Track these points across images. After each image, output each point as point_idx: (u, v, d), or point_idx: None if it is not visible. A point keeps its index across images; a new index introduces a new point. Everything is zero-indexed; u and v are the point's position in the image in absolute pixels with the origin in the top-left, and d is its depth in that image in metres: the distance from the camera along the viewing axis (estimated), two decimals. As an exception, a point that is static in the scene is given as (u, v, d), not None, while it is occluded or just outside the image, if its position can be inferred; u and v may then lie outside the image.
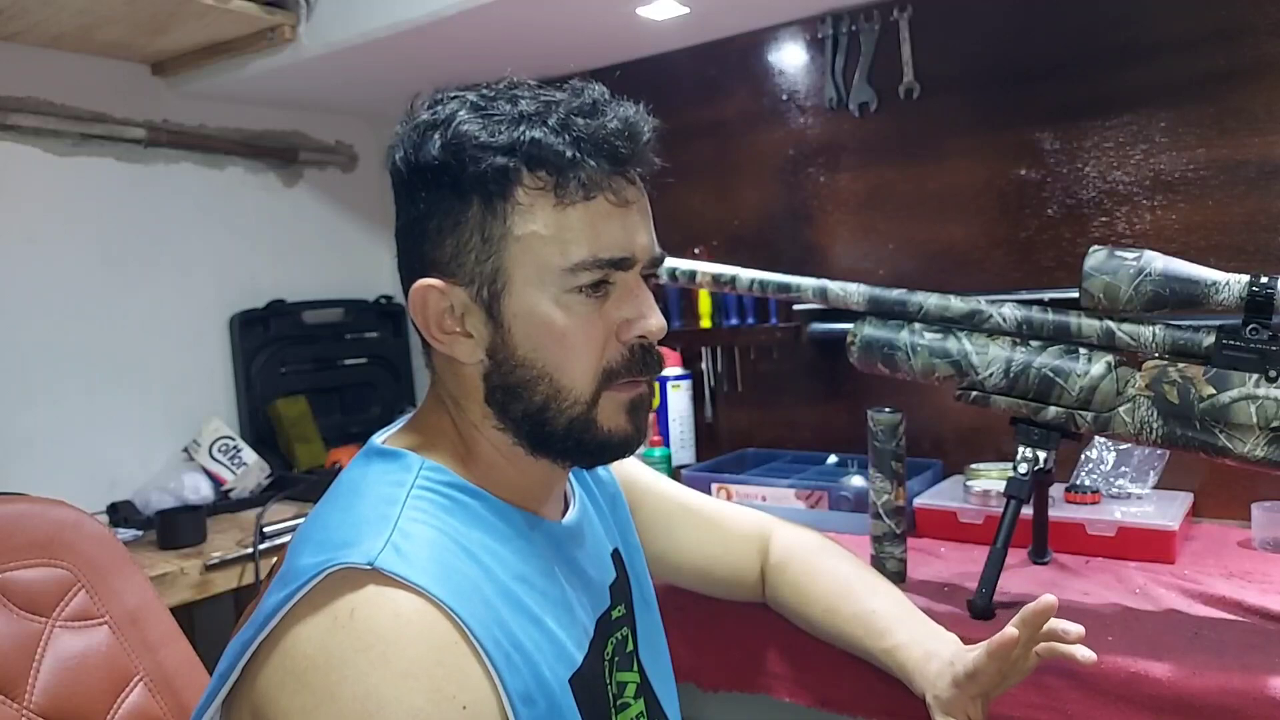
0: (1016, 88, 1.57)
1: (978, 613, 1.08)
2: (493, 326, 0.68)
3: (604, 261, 0.67)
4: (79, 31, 1.72)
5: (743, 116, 1.87)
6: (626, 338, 0.69)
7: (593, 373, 0.68)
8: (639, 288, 0.70)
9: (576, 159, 0.65)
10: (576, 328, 0.67)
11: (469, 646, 0.58)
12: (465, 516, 0.66)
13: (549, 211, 0.66)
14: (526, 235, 0.66)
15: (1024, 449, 1.10)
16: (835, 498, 1.50)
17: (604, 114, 0.67)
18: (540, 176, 0.66)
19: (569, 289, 0.67)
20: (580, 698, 0.65)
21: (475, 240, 0.67)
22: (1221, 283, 0.96)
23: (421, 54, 1.83)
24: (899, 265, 1.71)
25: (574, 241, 0.66)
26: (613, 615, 0.77)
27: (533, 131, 0.65)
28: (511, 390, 0.69)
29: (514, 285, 0.67)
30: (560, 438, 0.69)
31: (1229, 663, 0.92)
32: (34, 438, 1.78)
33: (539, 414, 0.69)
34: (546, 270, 0.66)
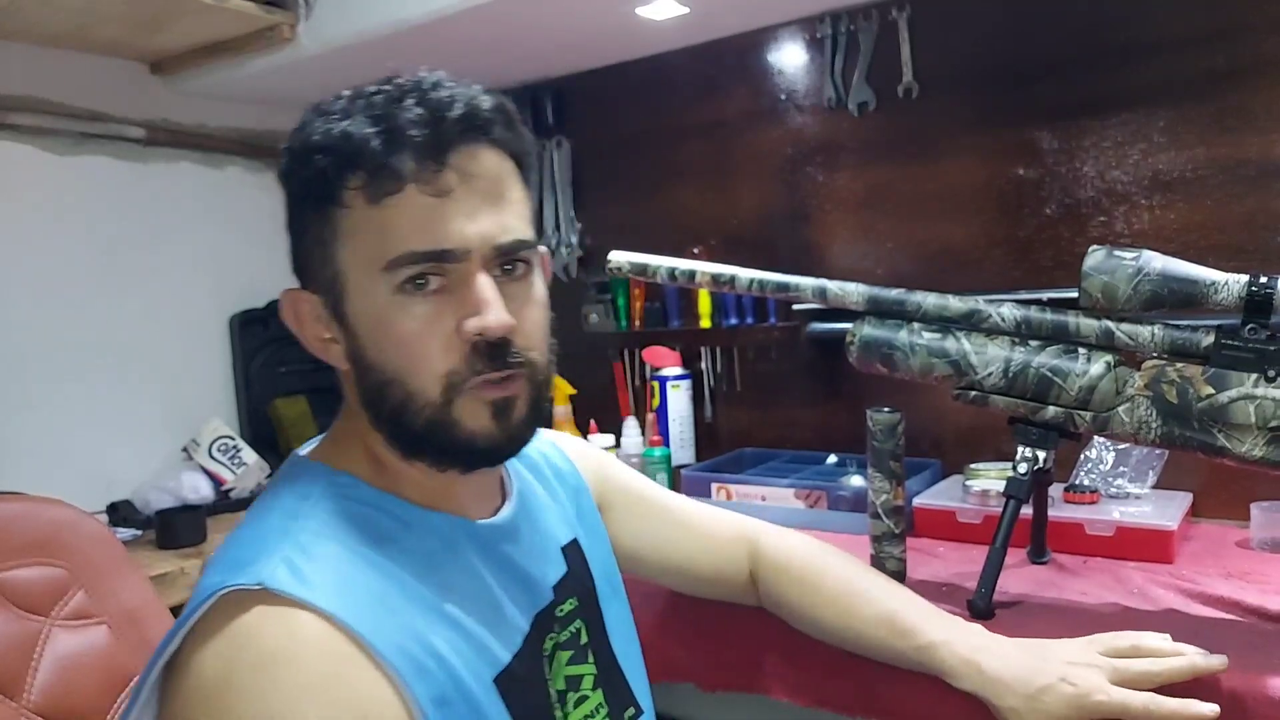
0: (1015, 87, 1.57)
1: (977, 612, 1.08)
2: (345, 332, 0.68)
3: (419, 255, 0.64)
4: (77, 30, 1.72)
5: (742, 116, 1.87)
6: (466, 336, 0.65)
7: (437, 373, 0.65)
8: (478, 282, 0.65)
9: (382, 151, 0.63)
10: (412, 327, 0.65)
11: (366, 658, 0.58)
12: (373, 524, 0.65)
13: (366, 209, 0.64)
14: (352, 235, 0.65)
15: (1023, 449, 1.10)
16: (834, 497, 1.50)
17: (408, 102, 0.65)
18: (359, 175, 0.64)
19: (396, 288, 0.65)
20: (509, 696, 0.65)
21: (315, 246, 0.67)
22: (1220, 282, 0.96)
23: (421, 54, 1.81)
24: (898, 265, 1.71)
25: (390, 238, 0.64)
26: (558, 611, 0.76)
27: (348, 127, 0.64)
28: (372, 394, 0.68)
29: (350, 288, 0.66)
30: (421, 440, 0.67)
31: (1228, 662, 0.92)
32: (33, 437, 1.78)
33: (397, 418, 0.67)
34: (372, 270, 0.65)
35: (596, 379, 2.06)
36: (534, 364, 0.69)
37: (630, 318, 2.02)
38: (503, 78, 2.10)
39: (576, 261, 2.12)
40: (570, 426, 1.98)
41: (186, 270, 2.03)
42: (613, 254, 1.23)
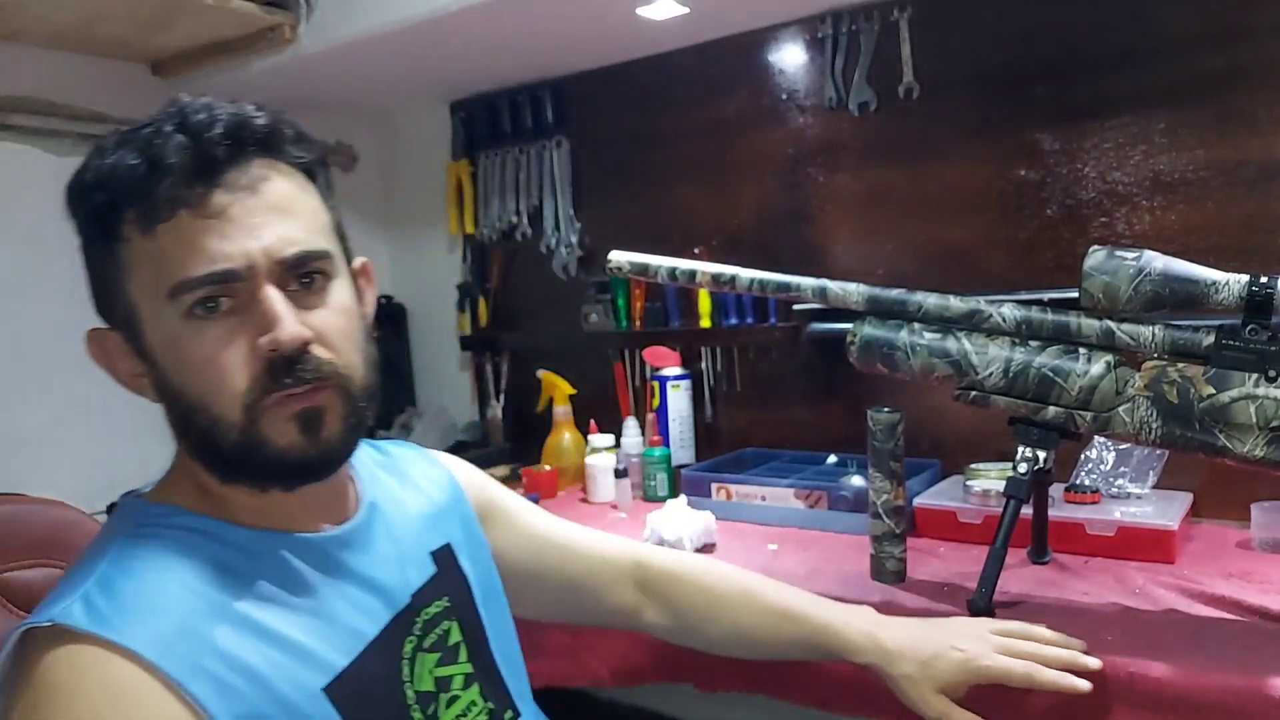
0: (1016, 88, 1.57)
1: (977, 612, 1.08)
2: (148, 365, 0.68)
3: (200, 279, 0.63)
4: (78, 31, 1.72)
5: (742, 116, 1.87)
6: (260, 353, 0.65)
7: (236, 395, 0.65)
8: (266, 297, 0.65)
9: (147, 181, 0.63)
10: (205, 352, 0.65)
11: (158, 683, 0.58)
12: (186, 548, 0.66)
13: (142, 240, 0.64)
14: (135, 268, 0.65)
15: (1023, 449, 1.10)
16: (835, 497, 1.50)
17: (167, 129, 0.65)
18: (131, 208, 0.64)
19: (185, 314, 0.64)
20: (343, 703, 0.65)
21: (106, 283, 0.67)
22: (1221, 283, 0.96)
23: (421, 53, 1.83)
24: (898, 265, 1.71)
25: (168, 266, 0.64)
26: (422, 614, 0.76)
27: (115, 162, 0.64)
28: (181, 423, 0.68)
29: (144, 321, 0.66)
30: (232, 464, 0.67)
31: (1228, 663, 0.92)
32: (32, 437, 1.78)
33: (207, 444, 0.67)
34: (158, 300, 0.65)
35: (596, 379, 2.06)
36: (342, 373, 0.68)
37: (630, 318, 2.02)
38: (503, 78, 2.10)
39: (576, 261, 2.12)
40: (570, 426, 1.98)
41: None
42: (613, 254, 1.23)
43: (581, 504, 1.80)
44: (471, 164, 2.26)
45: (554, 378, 2.02)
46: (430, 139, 2.32)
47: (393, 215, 2.48)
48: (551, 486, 1.87)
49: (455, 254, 2.35)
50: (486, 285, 2.29)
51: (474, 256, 2.31)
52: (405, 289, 2.46)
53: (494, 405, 2.27)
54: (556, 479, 1.88)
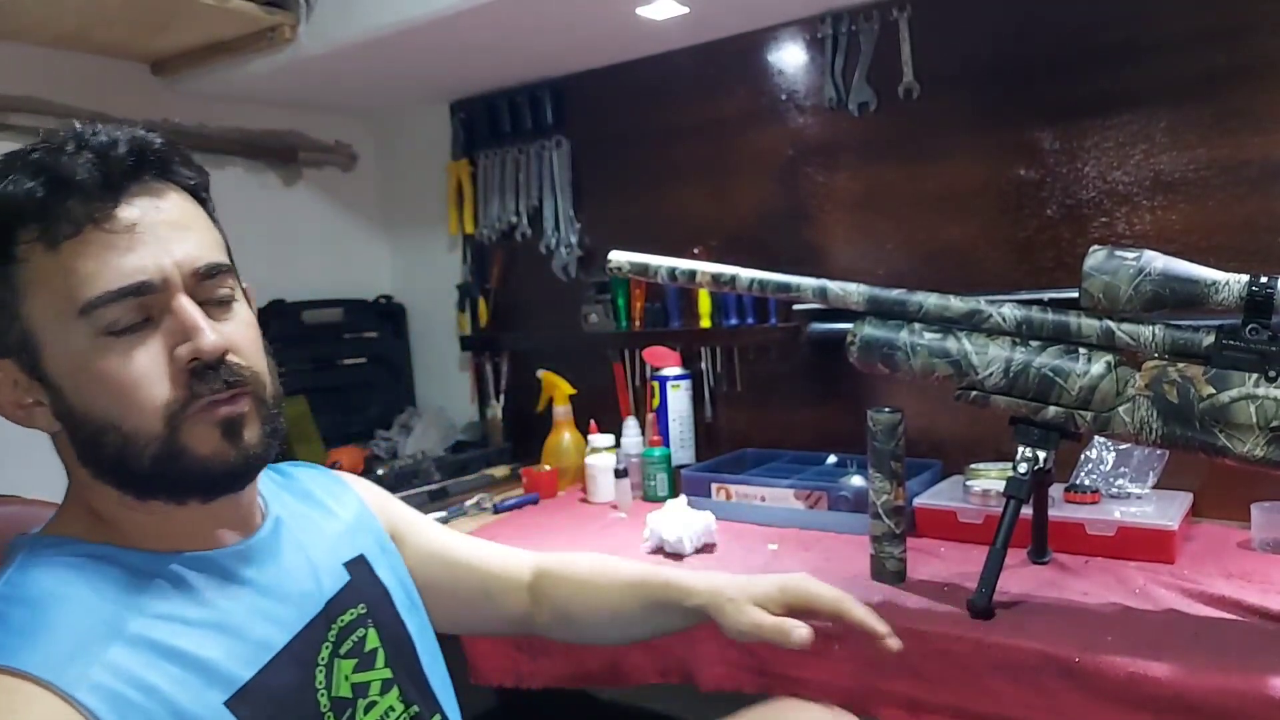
0: (1016, 87, 1.57)
1: (977, 612, 1.08)
2: (49, 391, 0.66)
3: (116, 293, 0.63)
4: (78, 31, 1.72)
5: (742, 116, 1.87)
6: (180, 364, 0.65)
7: (157, 410, 0.65)
8: (182, 309, 0.66)
9: (49, 199, 0.63)
10: (122, 369, 0.64)
11: (59, 700, 0.58)
12: (79, 575, 0.65)
13: (44, 260, 0.63)
14: (35, 288, 0.64)
15: (1023, 449, 1.10)
16: (835, 498, 1.50)
17: (69, 148, 0.64)
18: (30, 229, 0.63)
19: (97, 333, 0.64)
20: (246, 713, 0.65)
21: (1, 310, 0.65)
22: (1221, 283, 0.97)
23: (421, 54, 1.83)
24: (898, 265, 1.71)
25: (79, 281, 0.63)
26: (337, 622, 0.76)
27: (7, 187, 0.63)
28: (88, 447, 0.67)
29: (45, 346, 0.65)
30: (151, 480, 0.67)
31: (1228, 663, 0.92)
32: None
33: (120, 463, 0.66)
34: (66, 319, 0.64)
35: (596, 379, 2.06)
36: (257, 379, 0.70)
37: (630, 318, 2.02)
38: (503, 78, 2.10)
39: (576, 261, 2.12)
40: (570, 427, 1.98)
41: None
42: (613, 254, 1.23)
43: (581, 504, 1.80)
44: (471, 164, 2.26)
45: (554, 378, 2.02)
46: (430, 139, 2.32)
47: (393, 215, 2.48)
48: (551, 486, 1.87)
49: (455, 254, 2.35)
50: (486, 285, 2.29)
51: (474, 256, 2.31)
52: (405, 289, 2.46)
53: (494, 405, 2.27)
54: (556, 479, 1.88)
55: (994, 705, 1.02)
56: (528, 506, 1.79)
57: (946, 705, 1.05)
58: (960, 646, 1.05)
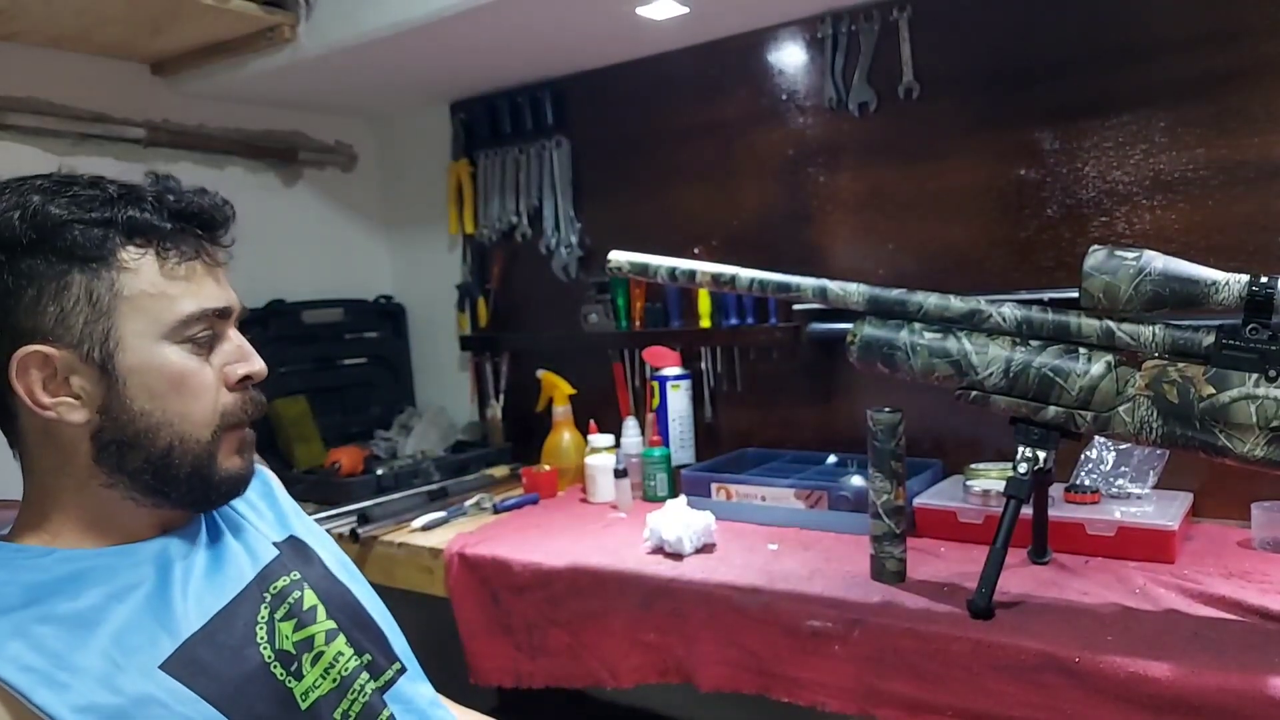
0: (1016, 88, 1.57)
1: (977, 612, 1.08)
2: (106, 384, 0.75)
3: (209, 312, 0.78)
4: (78, 31, 1.72)
5: (742, 116, 1.87)
6: (233, 381, 0.80)
7: (210, 416, 0.78)
8: (238, 336, 0.82)
9: (177, 227, 0.77)
10: (193, 374, 0.77)
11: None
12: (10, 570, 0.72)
13: (155, 273, 0.76)
14: (135, 295, 0.75)
15: (1024, 449, 1.10)
16: (835, 497, 1.50)
17: (191, 192, 0.79)
18: (140, 243, 0.75)
19: (180, 340, 0.77)
20: (184, 673, 0.72)
21: (82, 304, 0.74)
22: (1221, 282, 0.97)
23: (421, 54, 1.83)
24: (898, 265, 1.71)
25: (181, 297, 0.76)
26: (271, 589, 0.83)
27: (129, 209, 0.75)
28: (130, 443, 0.76)
29: (127, 341, 0.75)
30: (184, 480, 0.78)
31: (1228, 662, 0.93)
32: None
33: (163, 459, 0.77)
34: (159, 324, 0.76)
35: (596, 379, 2.06)
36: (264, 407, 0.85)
37: (630, 318, 2.02)
38: (503, 78, 2.10)
39: (576, 261, 2.12)
40: (570, 426, 1.98)
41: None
42: (613, 254, 1.23)
43: (581, 504, 1.80)
44: (471, 164, 2.26)
45: (554, 378, 2.02)
46: (430, 139, 2.32)
47: (393, 215, 2.48)
48: (551, 486, 1.87)
49: (455, 254, 2.35)
50: (486, 285, 2.29)
51: (474, 256, 2.31)
52: (405, 289, 2.46)
53: (494, 405, 2.27)
54: (556, 479, 1.88)
55: (994, 705, 1.02)
56: (528, 506, 1.79)
57: (947, 705, 1.05)
58: (960, 646, 1.05)
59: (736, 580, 1.26)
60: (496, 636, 1.44)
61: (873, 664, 1.10)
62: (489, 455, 2.11)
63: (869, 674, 1.11)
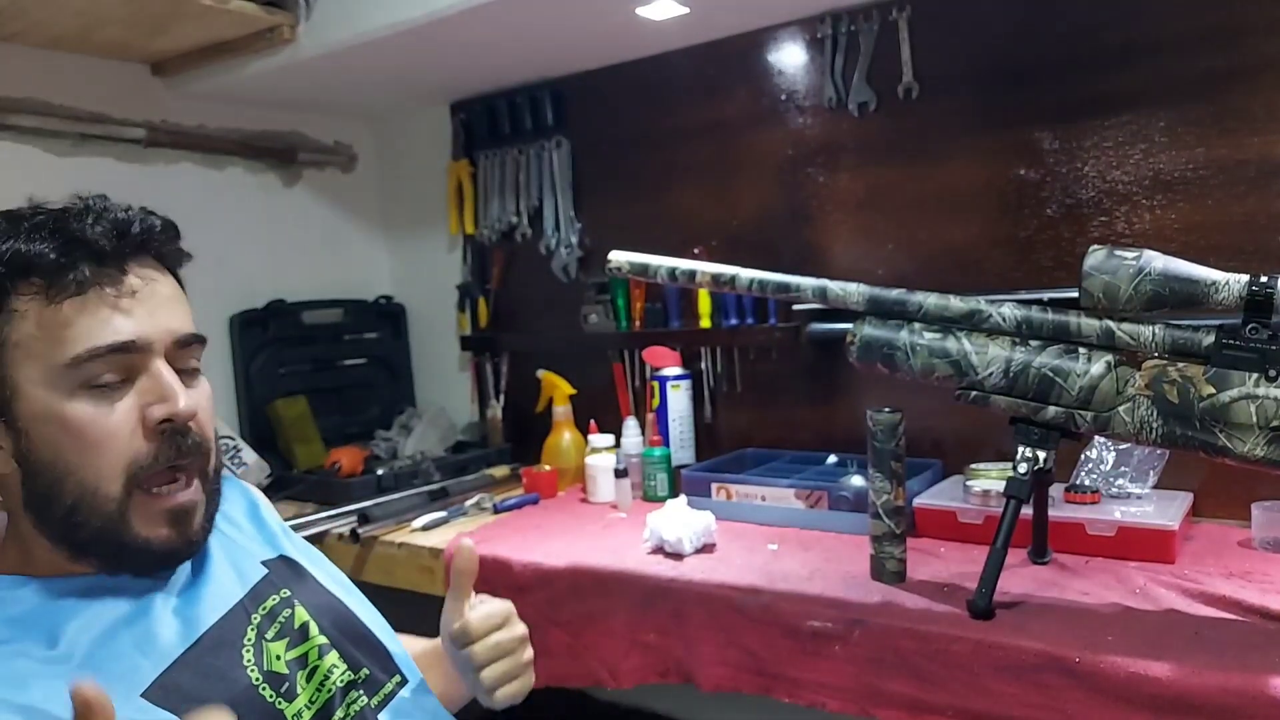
0: (1016, 87, 1.57)
1: (978, 613, 1.08)
2: (14, 435, 0.70)
3: (104, 349, 0.69)
4: (78, 32, 1.72)
5: (742, 116, 1.87)
6: (152, 424, 0.71)
7: (119, 469, 0.70)
8: (160, 372, 0.72)
9: (63, 260, 0.69)
10: (93, 423, 0.69)
11: None
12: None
13: (42, 312, 0.69)
14: (23, 339, 0.69)
15: (1023, 449, 1.10)
16: (835, 498, 1.50)
17: (87, 218, 0.71)
18: (32, 282, 0.69)
19: (79, 385, 0.69)
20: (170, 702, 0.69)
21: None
22: (1221, 282, 0.97)
23: (421, 54, 1.83)
24: (898, 265, 1.71)
25: (72, 337, 0.69)
26: (260, 609, 0.80)
27: (16, 243, 0.69)
28: (44, 495, 0.71)
29: (22, 390, 0.69)
30: (94, 543, 0.72)
31: (1229, 662, 0.92)
32: None
33: (70, 516, 0.71)
34: (50, 370, 0.69)
35: (596, 379, 2.06)
36: (207, 451, 0.76)
37: (630, 318, 2.02)
38: (502, 78, 2.10)
39: (576, 262, 2.11)
40: (570, 426, 1.98)
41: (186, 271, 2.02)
42: (613, 254, 1.23)
43: (581, 504, 1.80)
44: (471, 164, 2.26)
45: (554, 378, 2.02)
46: (430, 139, 2.32)
47: (393, 215, 2.48)
48: (551, 486, 1.87)
49: (455, 254, 2.35)
50: (486, 285, 2.29)
51: (474, 257, 2.31)
52: (405, 289, 2.46)
53: (494, 405, 2.27)
54: (556, 479, 1.88)
55: (994, 705, 1.02)
56: (528, 506, 1.79)
57: (947, 705, 1.05)
58: (960, 647, 1.05)
59: (736, 580, 1.26)
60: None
61: (873, 664, 1.10)
62: (489, 455, 2.11)
63: (869, 674, 1.11)
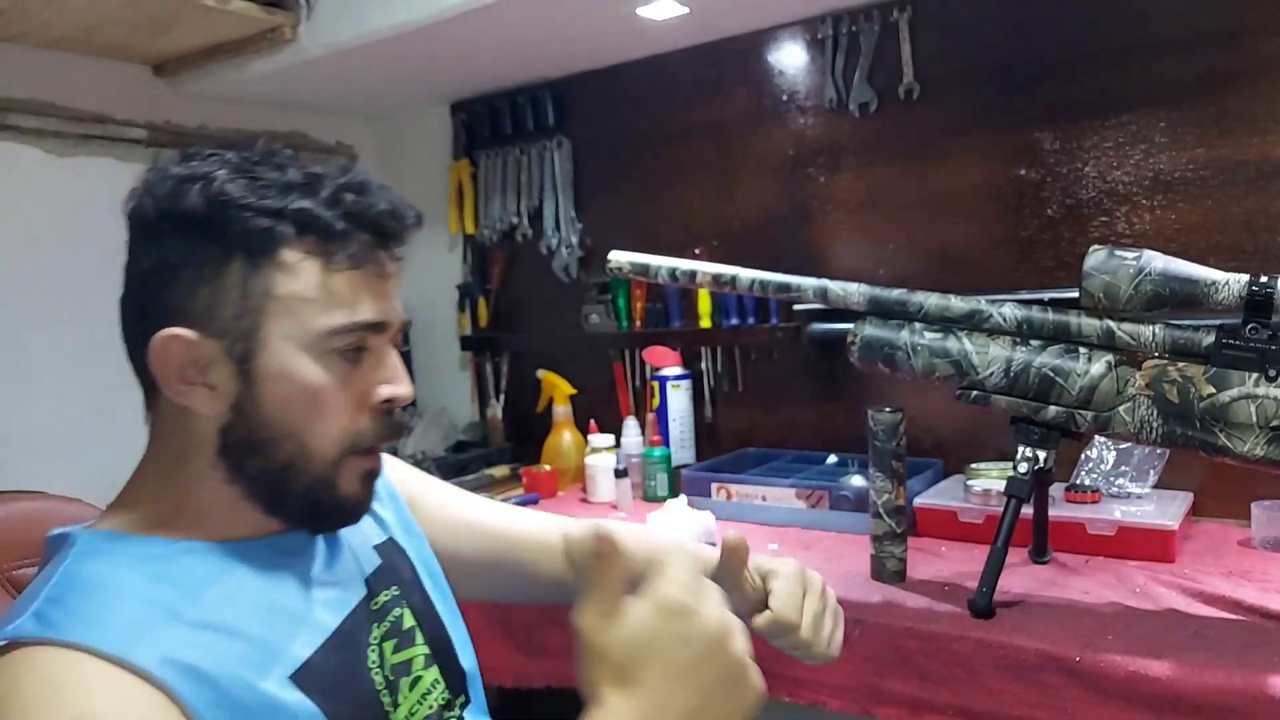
0: (1016, 88, 1.57)
1: (978, 612, 1.08)
2: (242, 382, 0.69)
3: (361, 325, 0.70)
4: (81, 33, 1.72)
5: (743, 117, 1.87)
6: (375, 402, 0.72)
7: (341, 436, 0.71)
8: (392, 354, 0.74)
9: (348, 231, 0.69)
10: (331, 390, 0.70)
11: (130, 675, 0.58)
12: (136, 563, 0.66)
13: (315, 275, 0.69)
14: (288, 295, 0.68)
15: (1024, 448, 1.10)
16: (835, 497, 1.50)
17: (373, 194, 0.72)
18: (308, 241, 0.69)
19: (326, 351, 0.70)
20: (311, 689, 0.67)
21: (235, 295, 0.68)
22: (1221, 282, 0.97)
23: (422, 54, 1.83)
24: (899, 265, 1.71)
25: (337, 306, 0.69)
26: (373, 605, 0.78)
27: (303, 201, 0.68)
28: (253, 446, 0.70)
29: (270, 344, 0.68)
30: (298, 499, 0.71)
31: (1229, 661, 0.93)
32: (34, 438, 1.78)
33: (280, 473, 0.70)
34: (306, 331, 0.69)
35: (597, 379, 2.07)
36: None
37: (631, 318, 2.02)
38: (503, 78, 2.10)
39: (577, 262, 2.12)
40: (570, 426, 1.98)
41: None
42: (613, 254, 1.23)
43: (582, 504, 1.80)
44: (472, 164, 2.26)
45: (554, 378, 2.02)
46: (431, 139, 2.32)
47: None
48: (551, 486, 1.87)
49: (455, 254, 2.36)
50: (487, 285, 2.29)
51: (474, 257, 2.31)
52: (405, 288, 2.42)
53: (494, 405, 2.27)
54: (556, 479, 1.89)
55: (995, 704, 1.02)
56: (528, 506, 1.79)
57: (948, 704, 1.05)
58: (961, 646, 1.05)
59: (737, 580, 1.26)
60: (496, 637, 1.44)
61: (874, 663, 1.11)
62: (489, 455, 2.11)
63: (870, 673, 1.11)
